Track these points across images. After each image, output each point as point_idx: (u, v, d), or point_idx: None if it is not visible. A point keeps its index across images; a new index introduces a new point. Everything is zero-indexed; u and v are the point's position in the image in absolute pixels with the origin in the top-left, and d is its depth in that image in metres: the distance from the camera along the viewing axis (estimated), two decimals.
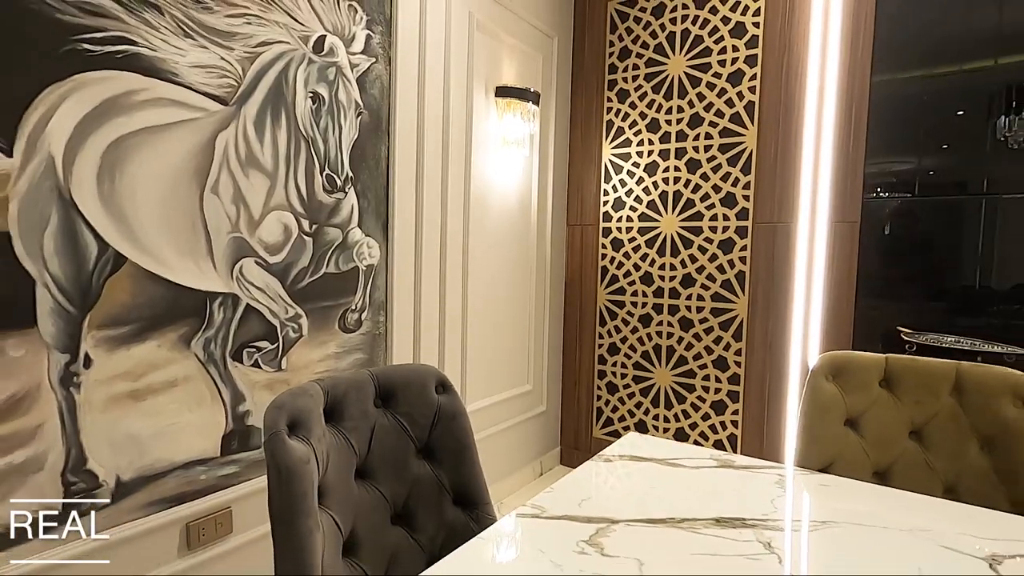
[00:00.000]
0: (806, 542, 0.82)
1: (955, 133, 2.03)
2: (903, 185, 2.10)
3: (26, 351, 1.10)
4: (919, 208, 2.08)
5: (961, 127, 2.02)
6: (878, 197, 2.12)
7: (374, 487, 1.01)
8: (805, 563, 0.75)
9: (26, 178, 1.09)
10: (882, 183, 2.12)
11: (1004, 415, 1.14)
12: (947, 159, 2.07)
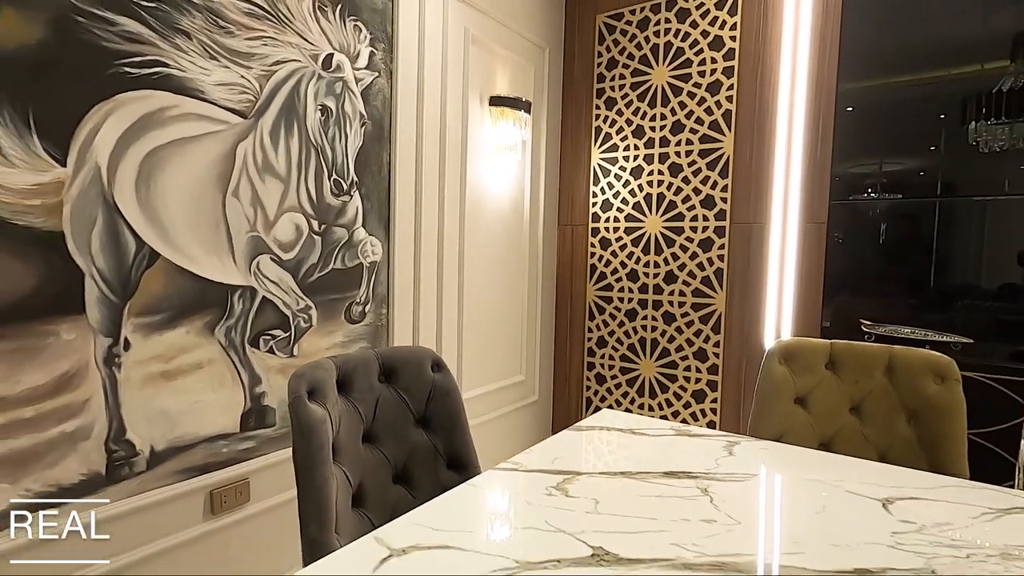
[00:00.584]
0: (736, 489, 0.98)
1: (912, 139, 2.20)
2: (866, 188, 2.27)
3: (76, 335, 1.28)
4: (880, 210, 2.25)
5: (918, 133, 2.18)
6: (844, 200, 2.29)
7: (378, 450, 1.18)
8: (731, 503, 0.92)
9: (77, 185, 1.26)
10: (847, 186, 2.29)
11: (926, 392, 1.31)
12: (905, 163, 2.24)
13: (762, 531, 0.83)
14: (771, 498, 0.96)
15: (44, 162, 1.21)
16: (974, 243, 2.13)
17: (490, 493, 0.98)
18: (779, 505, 0.95)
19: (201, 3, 1.45)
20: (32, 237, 1.20)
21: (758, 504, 0.94)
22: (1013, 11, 2.08)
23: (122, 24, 1.31)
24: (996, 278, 2.07)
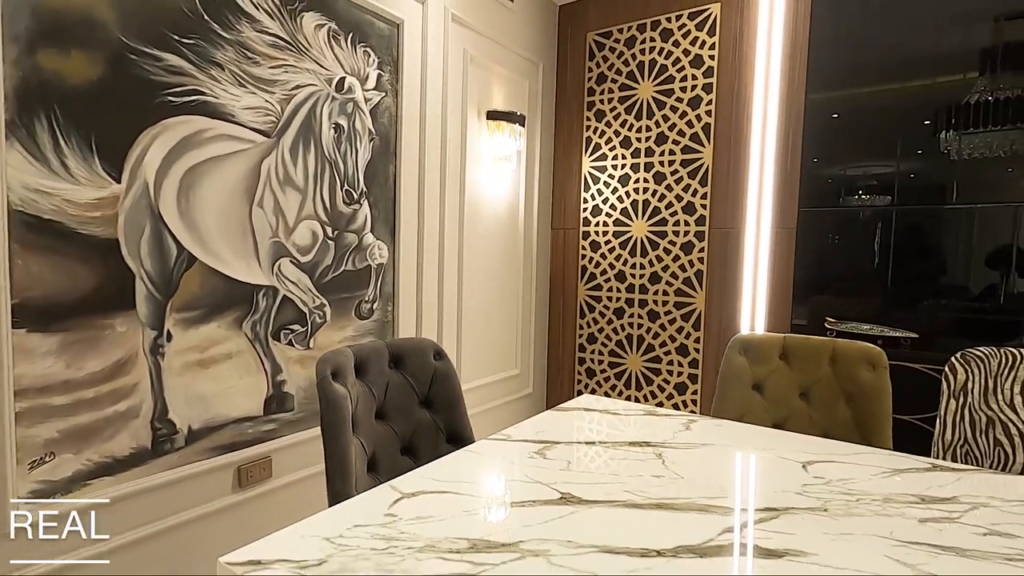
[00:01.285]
0: (686, 454, 1.19)
1: (881, 148, 2.41)
2: (831, 196, 2.47)
3: (128, 327, 1.48)
4: (844, 217, 2.46)
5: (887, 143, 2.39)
6: (811, 207, 2.50)
7: (389, 425, 1.38)
8: (679, 464, 1.12)
9: (129, 199, 1.47)
10: (814, 194, 2.49)
11: (860, 378, 1.52)
12: (872, 172, 2.44)
13: (699, 483, 1.04)
14: (712, 461, 1.17)
15: (103, 180, 1.41)
16: (929, 248, 2.34)
17: (483, 456, 1.19)
18: (718, 465, 1.15)
19: (232, 38, 1.66)
20: (93, 244, 1.41)
21: (700, 465, 1.15)
22: (982, 27, 2.29)
23: (166, 59, 1.51)
24: (946, 280, 2.28)
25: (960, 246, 2.20)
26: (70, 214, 1.36)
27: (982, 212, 2.24)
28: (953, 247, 2.25)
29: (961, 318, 2.16)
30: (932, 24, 2.35)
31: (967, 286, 2.25)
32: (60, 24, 1.32)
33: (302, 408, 1.94)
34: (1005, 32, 2.32)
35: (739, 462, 1.16)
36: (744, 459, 1.18)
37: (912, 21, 2.37)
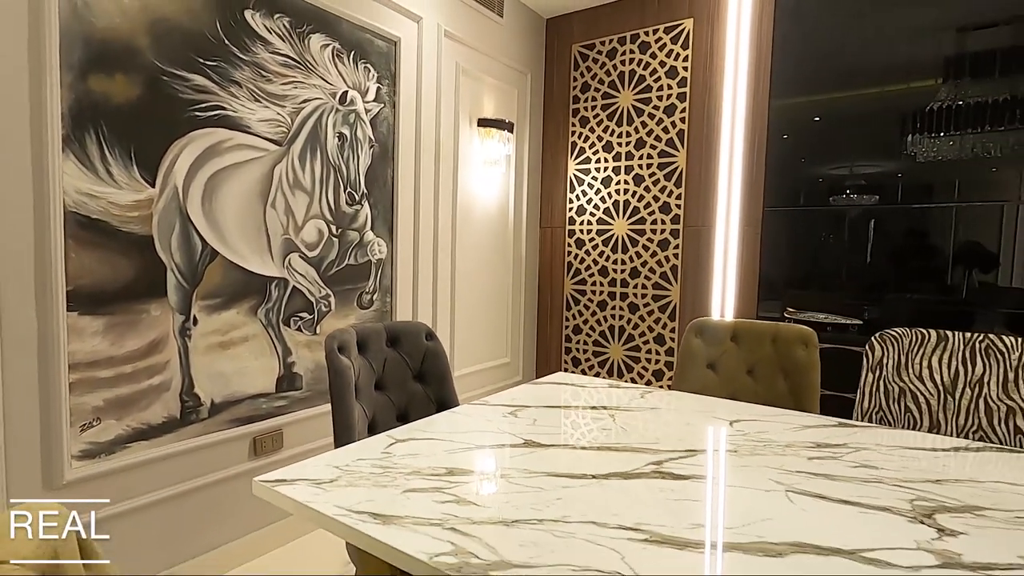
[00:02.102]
0: (634, 415, 1.42)
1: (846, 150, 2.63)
2: (792, 197, 2.70)
3: (161, 312, 1.71)
4: (804, 216, 2.68)
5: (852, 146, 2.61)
6: (774, 207, 2.73)
7: (386, 395, 1.61)
8: (626, 422, 1.35)
9: (162, 201, 1.70)
10: (777, 194, 2.72)
11: (796, 356, 1.75)
12: (821, 175, 2.67)
13: (639, 435, 1.27)
14: (655, 420, 1.40)
15: (140, 184, 1.65)
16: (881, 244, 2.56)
17: (465, 415, 1.42)
18: (659, 424, 1.38)
19: (249, 59, 1.89)
20: (132, 240, 1.64)
21: (644, 423, 1.37)
22: (944, 37, 2.49)
23: (193, 80, 1.74)
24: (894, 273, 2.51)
25: (910, 243, 2.43)
26: (113, 214, 1.59)
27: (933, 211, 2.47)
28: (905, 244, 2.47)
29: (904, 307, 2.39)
30: (896, 35, 2.56)
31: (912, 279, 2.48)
32: (106, 52, 1.55)
33: (309, 388, 2.17)
34: (967, 42, 2.55)
35: (677, 420, 1.38)
36: (682, 418, 1.40)
37: (876, 33, 2.58)
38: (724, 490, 0.98)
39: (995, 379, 1.50)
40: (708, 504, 0.92)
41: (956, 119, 2.50)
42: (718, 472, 1.05)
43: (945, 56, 2.53)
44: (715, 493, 0.96)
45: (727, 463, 1.10)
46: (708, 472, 1.05)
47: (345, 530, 0.83)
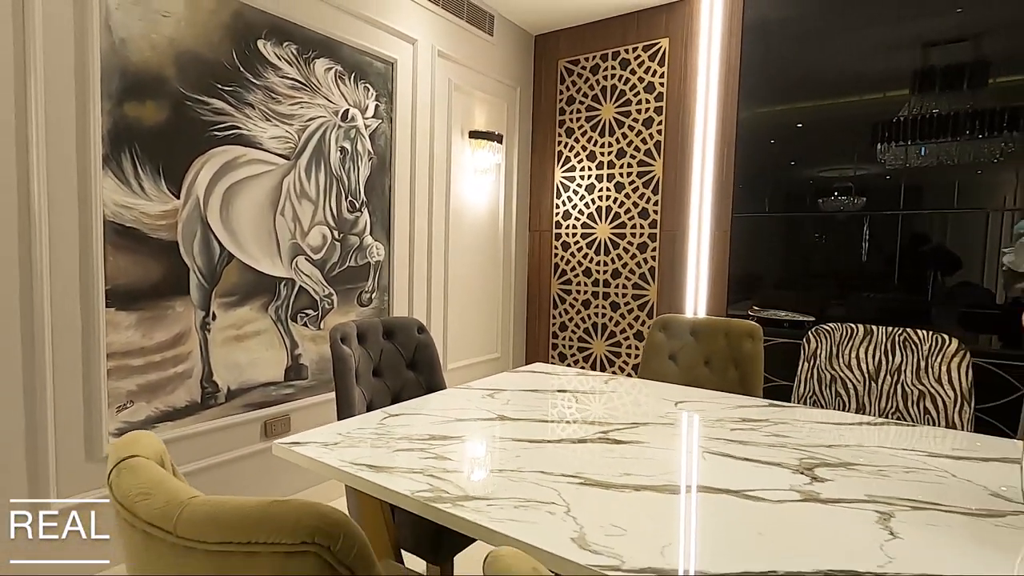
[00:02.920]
0: (594, 397, 1.65)
1: (799, 160, 2.86)
2: (758, 204, 2.93)
3: (184, 308, 1.94)
4: (769, 222, 2.91)
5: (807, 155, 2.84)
6: (742, 214, 2.96)
7: (383, 381, 1.85)
8: (587, 402, 1.58)
9: (186, 211, 1.93)
10: (745, 201, 2.95)
11: (744, 348, 1.98)
12: (785, 183, 2.90)
13: (595, 412, 1.50)
14: (612, 401, 1.63)
15: (167, 196, 1.88)
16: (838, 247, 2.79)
17: (449, 396, 1.65)
18: (614, 403, 1.61)
19: (261, 84, 2.12)
20: (160, 245, 1.87)
21: (602, 403, 1.60)
22: (913, 52, 2.69)
23: (212, 104, 1.98)
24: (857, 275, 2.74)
25: (875, 246, 2.65)
26: (144, 223, 1.83)
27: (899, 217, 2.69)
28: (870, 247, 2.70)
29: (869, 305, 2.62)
30: (868, 50, 2.77)
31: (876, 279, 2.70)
32: (139, 82, 1.78)
33: (314, 377, 2.40)
34: (934, 56, 2.77)
35: (631, 401, 1.61)
36: (635, 400, 1.63)
37: (844, 48, 2.79)
38: (653, 451, 1.21)
39: (910, 367, 1.73)
40: (636, 461, 1.15)
41: (923, 129, 2.73)
42: (653, 439, 1.28)
43: (913, 69, 2.76)
44: (644, 453, 1.19)
45: (662, 433, 1.33)
46: (644, 439, 1.28)
47: (348, 477, 1.06)
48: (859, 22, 2.74)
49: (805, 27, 2.84)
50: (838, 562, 0.78)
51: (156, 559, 0.54)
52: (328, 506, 0.51)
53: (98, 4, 1.66)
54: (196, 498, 0.54)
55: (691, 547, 0.83)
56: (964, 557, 0.80)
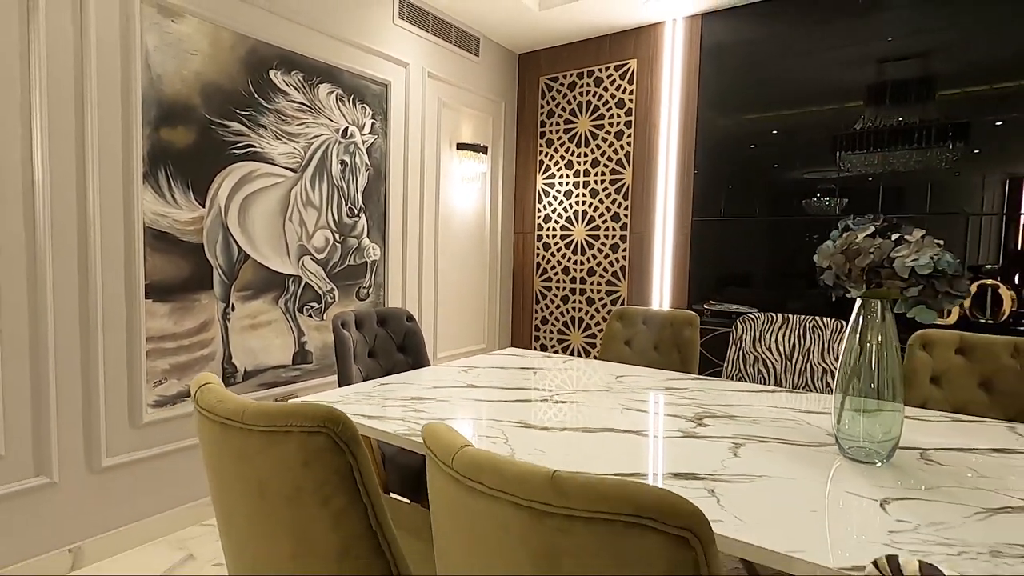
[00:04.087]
0: (555, 373, 1.99)
1: (744, 171, 3.20)
2: (713, 208, 3.27)
3: (208, 301, 2.29)
4: (723, 225, 3.25)
5: (749, 166, 3.18)
6: (701, 218, 3.29)
7: (377, 361, 2.19)
8: (547, 376, 1.92)
9: (210, 218, 2.27)
10: (702, 207, 3.29)
11: (685, 334, 2.32)
12: (739, 191, 3.23)
13: (548, 384, 1.84)
14: (565, 376, 1.97)
15: (195, 206, 2.22)
16: (784, 249, 3.13)
17: (430, 371, 1.99)
18: (566, 377, 1.94)
19: (272, 107, 2.46)
20: (189, 247, 2.21)
21: (556, 377, 1.95)
22: (868, 68, 3.01)
23: (232, 126, 2.32)
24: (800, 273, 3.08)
25: (807, 249, 3.00)
26: (176, 228, 2.17)
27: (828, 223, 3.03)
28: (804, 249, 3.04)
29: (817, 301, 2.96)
30: (824, 65, 3.10)
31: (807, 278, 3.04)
32: (172, 110, 2.13)
33: (318, 362, 2.74)
34: (886, 71, 3.11)
35: (580, 376, 1.95)
36: (585, 375, 1.97)
37: (799, 64, 3.13)
38: (585, 408, 1.55)
39: (817, 349, 2.07)
40: (570, 414, 1.49)
41: (875, 138, 3.07)
42: (588, 400, 1.62)
43: (867, 84, 3.09)
44: (578, 409, 1.54)
45: (597, 396, 1.67)
46: (581, 400, 1.62)
47: None
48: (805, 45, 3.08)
49: (758, 49, 3.17)
50: (688, 469, 1.12)
51: (229, 440, 0.89)
52: (333, 406, 0.85)
53: (140, 47, 2.01)
54: (253, 403, 0.88)
55: (591, 462, 1.18)
56: (776, 466, 1.15)
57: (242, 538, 0.96)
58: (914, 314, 1.13)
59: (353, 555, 0.91)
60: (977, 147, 2.71)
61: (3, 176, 1.72)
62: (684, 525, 0.57)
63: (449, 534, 0.75)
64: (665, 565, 0.58)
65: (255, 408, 0.87)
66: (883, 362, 1.15)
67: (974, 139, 2.71)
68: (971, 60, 2.77)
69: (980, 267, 2.60)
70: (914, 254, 1.03)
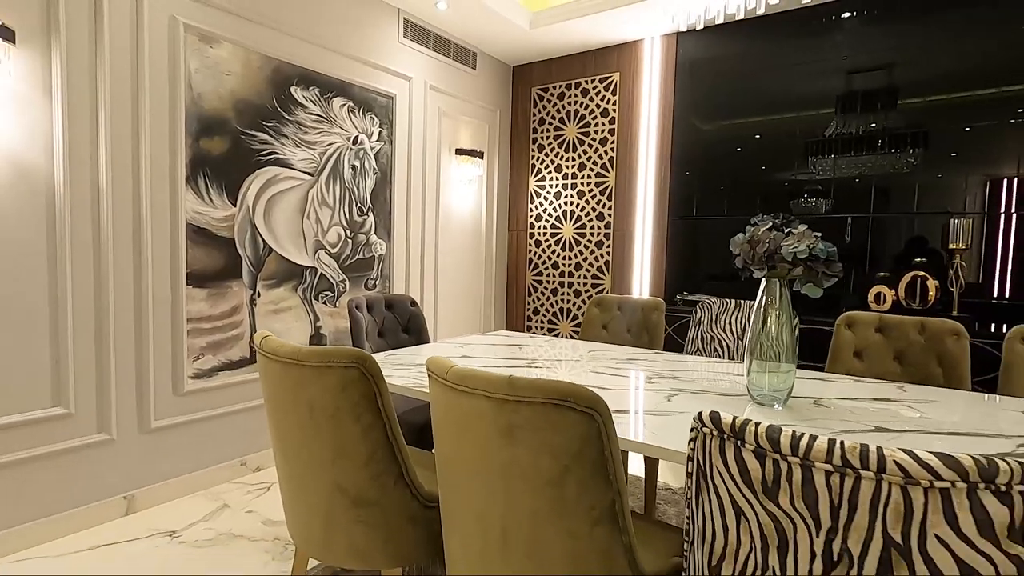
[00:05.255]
0: (533, 348, 2.33)
1: (720, 174, 3.54)
2: (686, 209, 3.61)
3: (238, 288, 2.63)
4: (696, 224, 3.60)
5: (720, 171, 3.52)
6: (676, 217, 3.64)
7: (385, 340, 2.53)
8: (530, 348, 2.26)
9: (240, 216, 2.62)
10: (678, 207, 3.63)
11: (652, 319, 2.66)
12: (710, 192, 3.58)
13: (530, 355, 2.18)
14: (543, 349, 2.31)
15: (228, 205, 2.57)
16: None
17: (430, 347, 2.34)
18: (545, 349, 2.29)
19: (292, 119, 2.81)
20: (223, 241, 2.56)
21: (537, 349, 2.29)
22: (838, 79, 3.32)
23: (259, 136, 2.67)
24: None
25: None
26: (212, 225, 2.52)
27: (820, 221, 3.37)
28: None
29: None
30: (798, 76, 3.45)
31: None
32: (210, 123, 2.47)
33: (331, 344, 3.09)
34: (854, 83, 3.45)
35: (560, 351, 2.30)
36: (564, 350, 2.31)
37: (761, 79, 3.48)
38: (558, 373, 1.89)
39: None
40: (545, 374, 1.84)
41: (844, 144, 3.40)
42: (562, 367, 1.97)
43: (836, 94, 3.43)
44: (552, 371, 1.88)
45: (570, 364, 2.02)
46: (555, 368, 1.97)
47: None
48: (776, 60, 3.41)
49: (731, 63, 3.51)
50: (629, 408, 1.47)
51: (288, 373, 1.24)
52: (361, 349, 1.20)
53: (184, 69, 2.35)
54: (304, 346, 1.22)
55: None
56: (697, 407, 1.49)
57: (295, 448, 1.31)
58: (806, 291, 1.48)
59: (376, 459, 1.26)
60: (955, 151, 2.98)
61: (75, 180, 2.07)
62: (590, 406, 0.92)
63: (444, 424, 1.09)
64: (580, 430, 0.92)
65: (307, 350, 1.22)
66: (781, 329, 1.50)
67: (941, 145, 2.98)
68: (932, 72, 3.06)
69: (910, 261, 2.94)
70: (795, 243, 1.37)
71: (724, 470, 0.77)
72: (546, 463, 0.94)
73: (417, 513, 1.32)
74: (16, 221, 1.94)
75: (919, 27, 3.05)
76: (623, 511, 0.97)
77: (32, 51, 1.94)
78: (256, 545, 2.11)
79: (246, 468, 2.72)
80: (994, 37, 2.84)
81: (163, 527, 2.22)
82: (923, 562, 0.63)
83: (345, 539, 1.30)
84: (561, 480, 0.94)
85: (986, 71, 2.87)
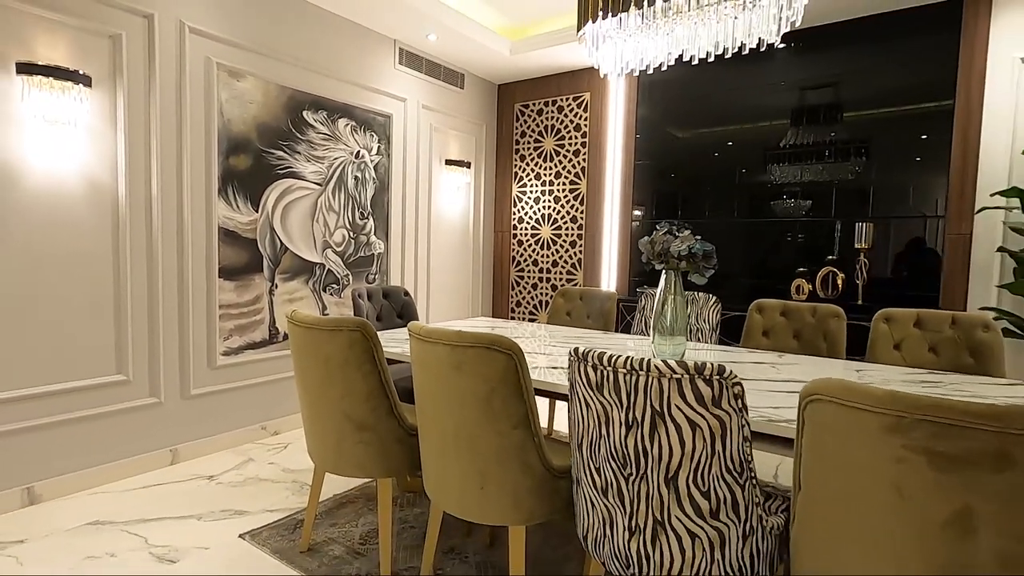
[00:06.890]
0: (511, 329, 2.84)
1: (679, 178, 4.05)
2: (648, 212, 4.12)
3: (260, 280, 3.15)
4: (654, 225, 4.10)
5: (683, 176, 4.03)
6: (637, 219, 4.15)
7: (382, 324, 3.05)
8: (505, 332, 2.78)
9: (261, 220, 3.13)
10: (639, 209, 4.14)
11: (607, 307, 3.17)
12: (672, 193, 4.08)
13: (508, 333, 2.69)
14: (519, 330, 2.82)
15: (251, 212, 3.08)
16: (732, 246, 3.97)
17: None
18: (520, 332, 2.79)
19: (304, 138, 3.32)
20: (247, 241, 3.07)
21: (514, 331, 2.80)
22: (792, 93, 3.84)
23: (276, 154, 3.18)
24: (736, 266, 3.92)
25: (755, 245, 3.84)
26: (239, 228, 3.03)
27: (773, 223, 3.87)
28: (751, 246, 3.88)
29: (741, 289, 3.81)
30: (756, 90, 3.96)
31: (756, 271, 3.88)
32: (237, 143, 2.99)
33: None
34: (807, 97, 3.95)
35: (528, 331, 2.81)
36: (531, 330, 2.83)
37: (723, 93, 3.99)
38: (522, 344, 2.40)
39: (694, 314, 2.93)
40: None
41: (798, 154, 3.91)
42: (528, 342, 2.48)
43: (791, 107, 3.94)
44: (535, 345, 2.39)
45: (535, 340, 2.53)
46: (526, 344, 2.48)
47: None
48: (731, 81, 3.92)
49: (688, 84, 4.02)
50: (559, 365, 1.98)
51: (311, 336, 1.75)
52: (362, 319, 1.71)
53: (216, 100, 2.87)
54: (322, 316, 1.74)
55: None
56: None
57: (315, 390, 1.82)
58: (694, 279, 1.99)
59: (373, 396, 1.77)
60: (890, 160, 3.51)
61: (133, 193, 2.59)
62: (509, 348, 1.43)
63: (418, 364, 1.61)
64: (503, 364, 1.44)
65: (324, 319, 1.74)
66: (675, 309, 2.01)
67: (885, 154, 3.51)
68: (874, 87, 3.53)
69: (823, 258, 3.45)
70: (680, 244, 1.89)
71: (581, 380, 1.28)
72: (481, 386, 1.46)
73: (403, 437, 1.84)
74: (90, 226, 2.46)
75: (843, 55, 3.56)
76: (534, 420, 1.49)
77: (103, 92, 2.45)
78: (278, 486, 2.63)
79: (266, 432, 3.24)
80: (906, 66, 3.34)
81: (203, 473, 2.74)
82: (671, 419, 1.15)
83: (351, 456, 1.82)
84: (490, 397, 1.46)
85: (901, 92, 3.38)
